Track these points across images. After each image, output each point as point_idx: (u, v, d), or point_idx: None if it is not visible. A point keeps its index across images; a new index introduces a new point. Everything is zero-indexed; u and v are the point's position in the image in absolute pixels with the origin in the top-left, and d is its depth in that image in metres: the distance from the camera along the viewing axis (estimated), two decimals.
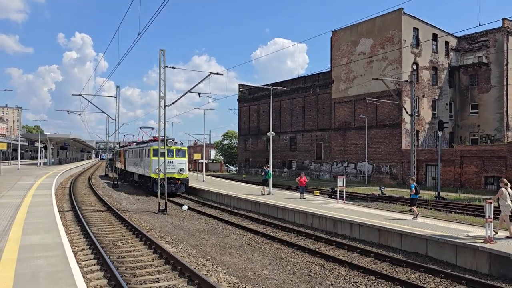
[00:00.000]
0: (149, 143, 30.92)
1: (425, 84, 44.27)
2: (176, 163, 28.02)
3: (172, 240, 13.97)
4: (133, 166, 36.03)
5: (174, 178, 27.76)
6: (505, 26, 44.15)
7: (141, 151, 31.83)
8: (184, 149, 29.35)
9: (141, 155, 31.92)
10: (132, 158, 36.54)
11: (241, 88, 67.23)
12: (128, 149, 40.22)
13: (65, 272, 7.08)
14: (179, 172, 28.02)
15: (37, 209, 14.44)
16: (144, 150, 30.70)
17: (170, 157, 27.15)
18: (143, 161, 30.64)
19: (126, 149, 41.25)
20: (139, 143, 37.05)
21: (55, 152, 71.77)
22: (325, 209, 18.40)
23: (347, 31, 47.67)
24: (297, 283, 9.68)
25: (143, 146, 31.73)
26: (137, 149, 34.48)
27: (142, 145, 33.01)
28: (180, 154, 28.73)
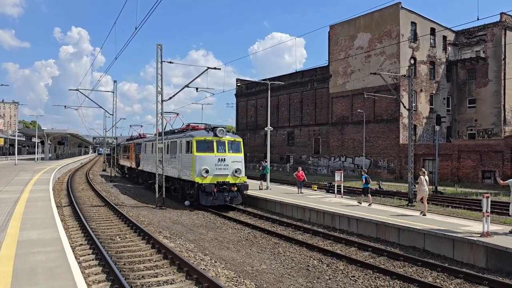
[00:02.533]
0: (185, 132, 22.31)
1: (423, 79, 44.28)
2: (229, 161, 19.76)
3: (170, 235, 13.98)
4: (154, 166, 25.75)
5: (227, 183, 19.54)
6: (503, 21, 44.13)
7: (174, 144, 22.80)
8: (239, 141, 20.97)
9: (173, 149, 22.98)
10: (155, 154, 27.11)
11: (239, 82, 67.11)
12: (145, 142, 30.84)
13: (64, 267, 7.08)
14: (234, 175, 19.70)
15: (35, 204, 14.42)
16: (179, 142, 21.82)
17: (221, 153, 19.78)
18: (179, 158, 21.70)
19: (141, 142, 32.21)
20: (165, 134, 26.68)
21: (52, 147, 71.60)
22: (323, 204, 18.43)
23: (344, 25, 47.58)
24: (295, 277, 9.71)
25: (176, 136, 22.90)
26: (165, 141, 25.16)
27: (172, 135, 24.08)
28: (234, 148, 20.44)
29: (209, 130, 20.19)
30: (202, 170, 18.96)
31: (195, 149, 19.43)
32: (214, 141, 19.54)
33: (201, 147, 19.54)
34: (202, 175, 18.94)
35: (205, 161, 19.17)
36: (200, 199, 19.05)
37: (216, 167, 19.26)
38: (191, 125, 23.19)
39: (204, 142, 19.54)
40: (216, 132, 19.93)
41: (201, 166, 19.09)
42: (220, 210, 19.38)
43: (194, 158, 19.35)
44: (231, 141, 20.35)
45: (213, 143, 19.57)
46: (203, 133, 20.12)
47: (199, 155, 19.35)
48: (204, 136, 19.76)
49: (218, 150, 19.64)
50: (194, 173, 19.20)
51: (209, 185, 18.69)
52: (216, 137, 19.84)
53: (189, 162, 19.76)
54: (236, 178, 19.71)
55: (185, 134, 21.31)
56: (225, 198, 19.33)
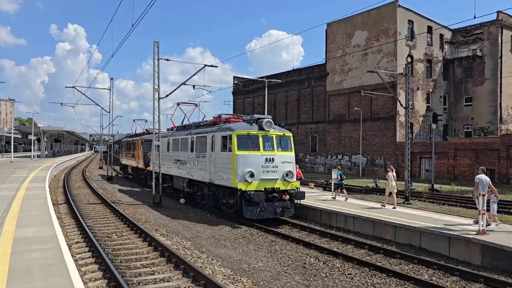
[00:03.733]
0: (218, 125, 17.91)
1: (420, 77, 44.36)
2: (278, 162, 15.75)
3: (167, 232, 13.97)
4: (172, 166, 22.96)
5: (277, 190, 15.52)
6: (499, 19, 44.23)
7: (202, 140, 18.64)
8: (289, 135, 16.97)
9: (201, 147, 18.74)
10: (174, 152, 23.01)
11: (236, 80, 67.04)
12: (163, 139, 24.88)
13: (60, 265, 7.07)
14: (284, 179, 15.72)
15: (31, 202, 14.37)
16: (211, 138, 17.59)
17: (268, 151, 15.69)
18: (210, 158, 17.51)
19: (151, 138, 26.05)
20: (185, 128, 23.05)
21: (48, 144, 71.37)
22: (320, 202, 18.46)
23: (342, 23, 47.56)
24: (291, 275, 9.73)
25: (204, 131, 18.75)
26: (188, 137, 20.62)
27: (198, 130, 19.86)
28: (284, 145, 16.51)
29: (252, 122, 16.28)
30: (246, 173, 14.97)
31: (236, 146, 15.41)
32: (259, 136, 15.70)
33: (243, 143, 15.59)
34: (246, 180, 14.97)
35: (250, 161, 15.24)
36: (244, 211, 15.03)
37: (263, 170, 15.37)
38: (223, 116, 19.02)
39: (247, 138, 15.66)
40: (262, 125, 15.92)
41: (244, 168, 15.06)
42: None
43: (235, 158, 15.30)
44: (280, 136, 16.40)
45: (258, 138, 15.69)
46: (244, 126, 16.17)
47: (242, 153, 15.28)
48: (247, 130, 15.78)
49: (264, 147, 15.69)
50: (235, 177, 15.14)
51: (257, 193, 14.68)
52: (262, 130, 15.88)
53: (227, 162, 15.82)
54: (287, 184, 15.74)
55: (219, 127, 17.06)
56: (276, 210, 15.26)
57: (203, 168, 18.23)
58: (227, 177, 15.82)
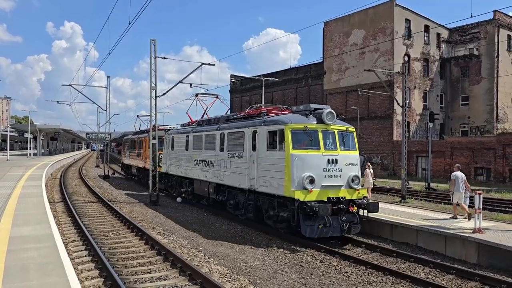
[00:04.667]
0: (261, 118, 14.40)
1: (417, 76, 44.46)
2: (342, 164, 12.61)
3: (164, 231, 13.95)
4: (192, 168, 19.19)
5: (343, 199, 12.39)
6: (496, 18, 44.36)
7: (237, 136, 15.22)
8: (353, 130, 13.63)
9: (235, 145, 15.30)
10: (198, 151, 18.63)
11: (233, 79, 66.97)
12: (172, 135, 22.63)
13: (56, 264, 7.05)
14: (350, 186, 12.62)
15: (27, 200, 14.33)
16: (250, 133, 14.14)
17: (330, 150, 12.52)
18: (250, 159, 14.02)
19: (173, 135, 22.54)
20: (210, 122, 18.84)
21: (45, 143, 71.16)
22: None
23: (339, 22, 47.58)
24: (288, 273, 9.74)
25: (239, 125, 15.40)
26: (216, 133, 16.93)
27: (227, 125, 16.41)
28: (347, 143, 13.18)
29: (307, 113, 12.78)
30: (305, 179, 11.80)
31: (291, 144, 12.11)
32: (319, 131, 12.47)
33: (299, 140, 12.33)
34: (305, 187, 11.76)
35: (308, 163, 12.08)
36: (302, 227, 11.73)
37: (325, 174, 12.21)
38: (261, 107, 15.43)
39: (304, 133, 12.33)
40: (321, 117, 12.56)
41: (302, 173, 11.90)
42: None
43: (289, 159, 11.98)
44: (342, 131, 13.08)
45: (317, 134, 12.41)
46: (299, 118, 12.76)
47: (299, 153, 12.03)
48: (304, 123, 12.41)
49: (325, 146, 12.46)
50: (290, 183, 11.88)
51: (323, 205, 11.46)
52: (321, 124, 12.59)
53: (277, 165, 12.56)
54: (353, 192, 12.56)
55: (264, 120, 13.70)
56: (342, 226, 12.02)
57: (239, 171, 14.68)
58: (278, 183, 12.43)
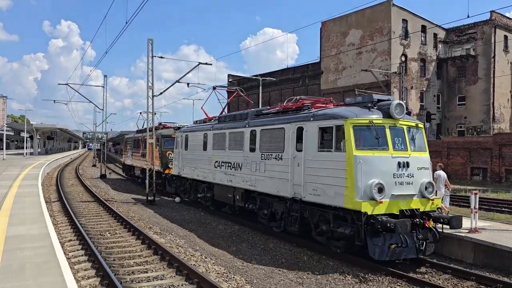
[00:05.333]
0: (304, 111, 12.16)
1: (414, 76, 44.56)
2: (414, 168, 10.40)
3: (161, 230, 13.94)
4: (212, 171, 16.82)
5: (417, 212, 10.17)
6: (492, 19, 44.54)
7: (274, 134, 12.97)
8: (422, 127, 11.43)
9: (271, 145, 13.07)
10: (220, 151, 16.36)
11: (230, 78, 66.93)
12: (186, 134, 19.95)
13: (52, 263, 7.03)
14: (423, 195, 10.42)
15: (23, 200, 14.28)
16: (294, 131, 11.88)
17: (399, 151, 10.35)
18: (293, 161, 11.75)
19: (187, 133, 19.85)
20: (235, 118, 16.21)
21: (41, 142, 70.91)
22: None
23: (336, 22, 47.62)
24: (285, 273, 9.75)
25: (275, 120, 13.15)
26: (244, 130, 14.57)
27: (257, 121, 14.11)
28: (417, 143, 11.04)
29: (370, 106, 10.57)
30: (373, 186, 9.56)
31: (353, 143, 9.88)
32: (386, 127, 10.31)
33: (363, 138, 10.17)
34: (373, 198, 9.55)
35: (376, 168, 9.89)
36: (370, 248, 9.48)
37: (395, 181, 10.02)
38: (302, 100, 13.05)
39: (368, 130, 10.16)
40: (389, 110, 10.39)
41: (369, 179, 9.67)
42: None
43: (352, 162, 9.76)
44: (411, 127, 10.92)
45: (384, 131, 10.27)
46: (361, 111, 10.47)
47: (364, 155, 9.83)
48: (368, 118, 10.22)
49: (394, 146, 10.29)
50: (354, 192, 9.63)
51: (401, 221, 9.22)
52: (389, 119, 10.42)
53: (333, 169, 10.28)
54: (427, 202, 10.36)
55: (312, 114, 11.31)
56: (418, 245, 9.87)
57: (277, 176, 12.44)
58: (335, 192, 10.16)
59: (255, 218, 14.44)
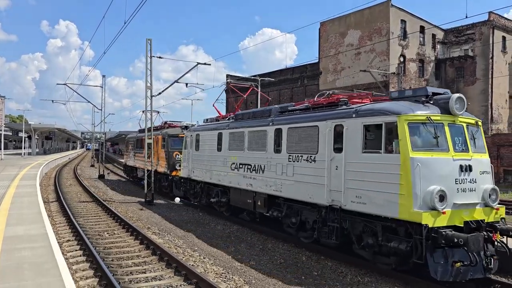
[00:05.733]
0: (340, 107, 10.80)
1: (412, 76, 44.60)
2: (476, 173, 9.02)
3: (159, 231, 13.93)
4: (227, 173, 15.44)
5: (482, 223, 8.78)
6: (491, 20, 44.62)
7: (308, 132, 11.39)
8: (480, 124, 10.07)
9: (304, 144, 11.49)
10: (238, 152, 14.85)
11: (229, 78, 66.90)
12: (197, 133, 18.49)
13: (51, 264, 7.02)
14: (485, 204, 8.98)
15: (21, 200, 14.25)
16: (332, 128, 10.38)
17: (461, 153, 8.97)
18: (330, 164, 10.27)
19: (198, 132, 18.43)
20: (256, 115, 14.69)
21: (39, 142, 70.81)
22: None
23: (335, 22, 47.64)
24: (283, 273, 9.75)
25: (307, 117, 11.65)
26: (268, 128, 13.16)
27: (294, 116, 12.42)
28: (477, 144, 9.61)
29: (424, 100, 9.28)
30: (434, 194, 8.30)
31: (410, 144, 8.58)
32: (445, 125, 9.08)
33: (420, 138, 8.90)
34: (434, 207, 8.29)
35: (436, 172, 8.62)
36: (431, 266, 8.18)
37: (458, 187, 8.76)
38: (336, 95, 11.82)
39: (424, 128, 8.88)
40: (448, 105, 9.20)
41: (428, 185, 8.40)
42: None
43: (408, 166, 8.47)
44: (471, 125, 9.74)
45: (443, 129, 9.08)
46: (415, 107, 9.08)
47: (422, 157, 8.53)
48: (426, 114, 8.90)
49: (455, 146, 9.03)
50: (412, 201, 8.32)
51: (474, 236, 7.99)
52: (447, 115, 9.19)
53: (383, 173, 8.95)
54: (490, 212, 9.07)
55: (355, 110, 9.89)
56: (485, 262, 8.59)
57: (309, 181, 11.00)
58: (386, 200, 8.82)
59: (279, 226, 13.18)
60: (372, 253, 9.54)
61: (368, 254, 9.67)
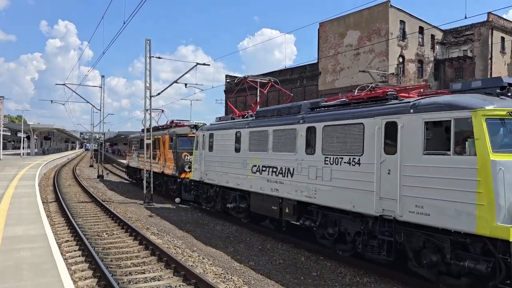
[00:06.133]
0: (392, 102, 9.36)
1: (411, 77, 44.65)
2: None
3: (158, 231, 13.92)
4: (247, 177, 14.06)
5: None
6: (490, 20, 44.69)
7: (349, 130, 9.96)
8: None
9: (344, 145, 10.10)
10: (262, 153, 13.42)
11: (228, 79, 66.98)
12: (211, 132, 16.99)
13: (49, 264, 7.02)
14: None
15: (20, 200, 14.24)
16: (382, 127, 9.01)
17: None
18: (380, 168, 8.90)
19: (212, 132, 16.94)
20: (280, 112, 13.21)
21: (38, 142, 70.76)
22: None
23: (334, 23, 47.68)
24: (283, 273, 9.76)
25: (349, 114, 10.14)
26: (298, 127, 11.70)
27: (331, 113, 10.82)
28: None
29: (498, 93, 8.20)
30: None
31: (489, 144, 7.32)
32: None
33: (500, 138, 7.78)
34: None
35: None
36: None
37: None
38: (381, 88, 10.91)
39: (504, 125, 7.78)
40: None
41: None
42: None
43: (489, 171, 7.25)
44: None
45: None
46: (493, 100, 7.84)
47: (506, 160, 7.34)
48: (506, 108, 7.70)
49: None
50: (494, 213, 7.07)
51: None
52: None
53: (454, 179, 7.66)
54: None
55: (413, 105, 8.57)
56: None
57: (352, 186, 9.62)
58: (458, 210, 7.54)
59: (310, 236, 11.95)
60: (436, 272, 8.18)
61: (429, 274, 8.29)
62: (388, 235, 8.70)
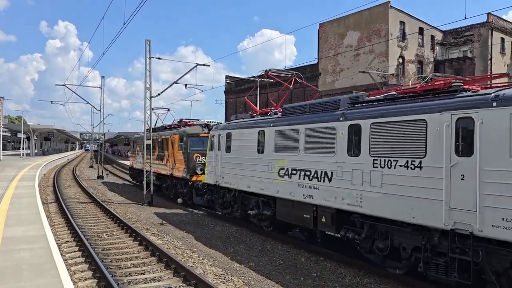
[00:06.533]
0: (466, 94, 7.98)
1: (411, 78, 44.65)
2: None
3: (158, 232, 13.91)
4: (272, 181, 12.67)
5: None
6: (489, 21, 44.72)
7: (409, 129, 8.46)
8: None
9: (402, 146, 8.57)
10: (291, 155, 11.93)
11: (228, 79, 67.00)
12: (227, 131, 15.62)
13: (49, 265, 7.01)
14: None
15: (20, 201, 14.23)
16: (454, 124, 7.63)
17: None
18: (456, 170, 7.48)
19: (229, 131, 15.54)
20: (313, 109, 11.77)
21: (38, 143, 70.77)
22: None
23: (334, 23, 47.69)
24: (282, 274, 9.74)
25: (410, 108, 8.57)
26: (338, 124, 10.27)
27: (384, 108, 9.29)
28: None
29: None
30: None
31: None
32: None
33: None
34: None
35: None
36: None
37: None
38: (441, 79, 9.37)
39: None
40: None
41: None
42: None
43: None
44: None
45: None
46: None
47: None
48: None
49: None
50: None
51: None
52: None
53: None
54: None
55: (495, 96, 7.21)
56: None
57: (411, 193, 8.26)
58: None
59: (351, 250, 10.79)
60: None
61: None
62: (460, 252, 7.40)
